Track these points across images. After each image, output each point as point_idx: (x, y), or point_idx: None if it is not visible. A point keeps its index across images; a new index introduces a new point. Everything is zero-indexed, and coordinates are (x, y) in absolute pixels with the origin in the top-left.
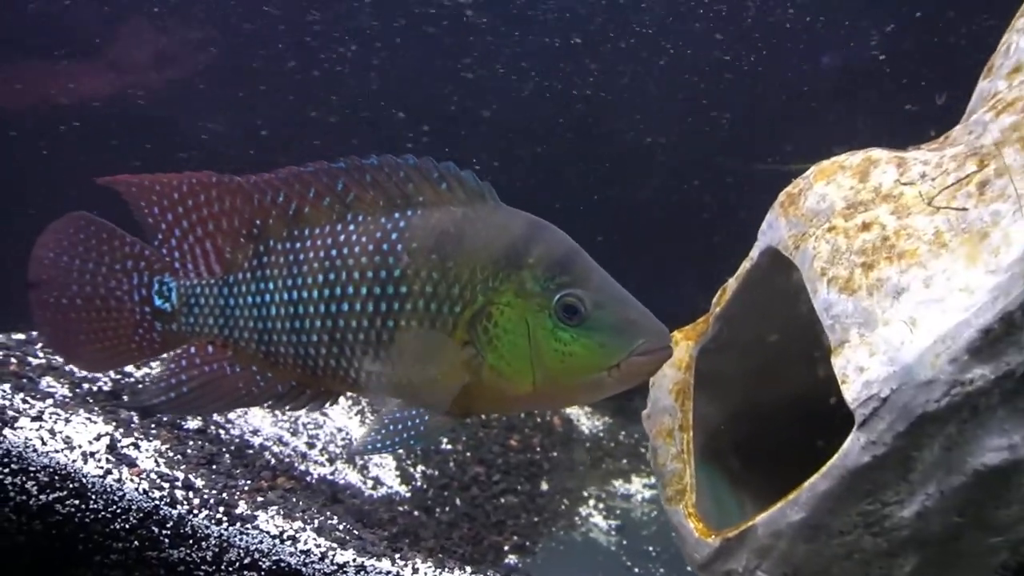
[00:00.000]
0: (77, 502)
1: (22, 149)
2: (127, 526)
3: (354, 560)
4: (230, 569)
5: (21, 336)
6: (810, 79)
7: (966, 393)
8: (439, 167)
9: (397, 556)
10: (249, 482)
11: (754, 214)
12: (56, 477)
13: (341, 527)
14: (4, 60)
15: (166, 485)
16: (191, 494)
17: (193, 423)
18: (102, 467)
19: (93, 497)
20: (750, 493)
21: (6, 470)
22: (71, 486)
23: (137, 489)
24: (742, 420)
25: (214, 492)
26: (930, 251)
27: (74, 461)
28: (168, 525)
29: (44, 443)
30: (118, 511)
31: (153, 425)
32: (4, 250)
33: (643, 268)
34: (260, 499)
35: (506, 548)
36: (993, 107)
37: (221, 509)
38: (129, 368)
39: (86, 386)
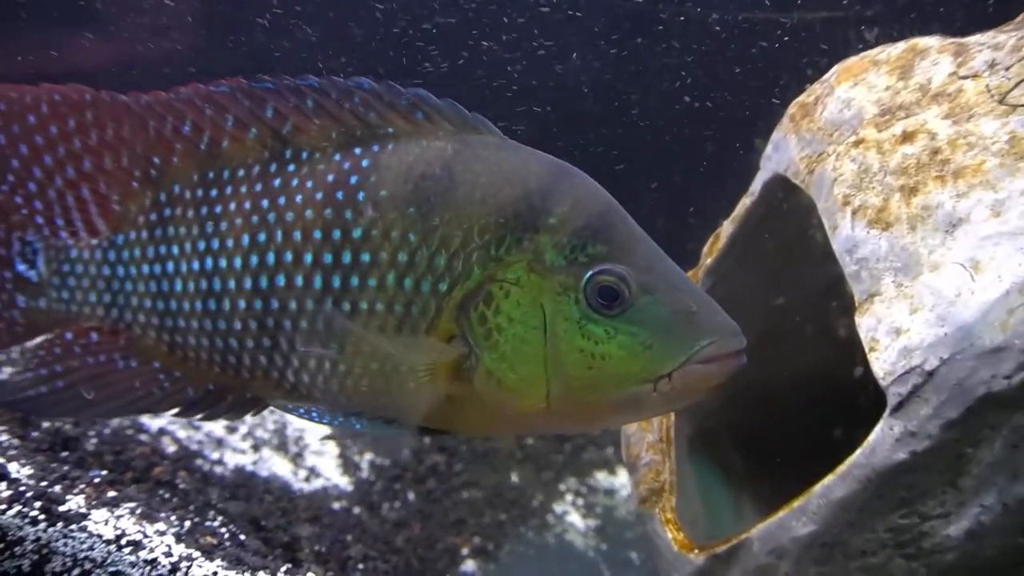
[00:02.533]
0: None
1: None
2: None
3: (216, 574)
4: None
5: None
6: None
7: None
8: (407, 93)
9: (286, 567)
10: (105, 473)
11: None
12: None
13: (222, 531)
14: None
15: None
16: (2, 485)
17: None
18: None
19: None
20: (752, 496)
21: None
22: None
23: None
24: (743, 403)
25: (42, 484)
26: (1002, 165)
27: None
28: None
29: None
30: None
31: None
32: None
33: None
34: (112, 494)
35: (464, 552)
36: None
37: (38, 504)
38: None
39: None
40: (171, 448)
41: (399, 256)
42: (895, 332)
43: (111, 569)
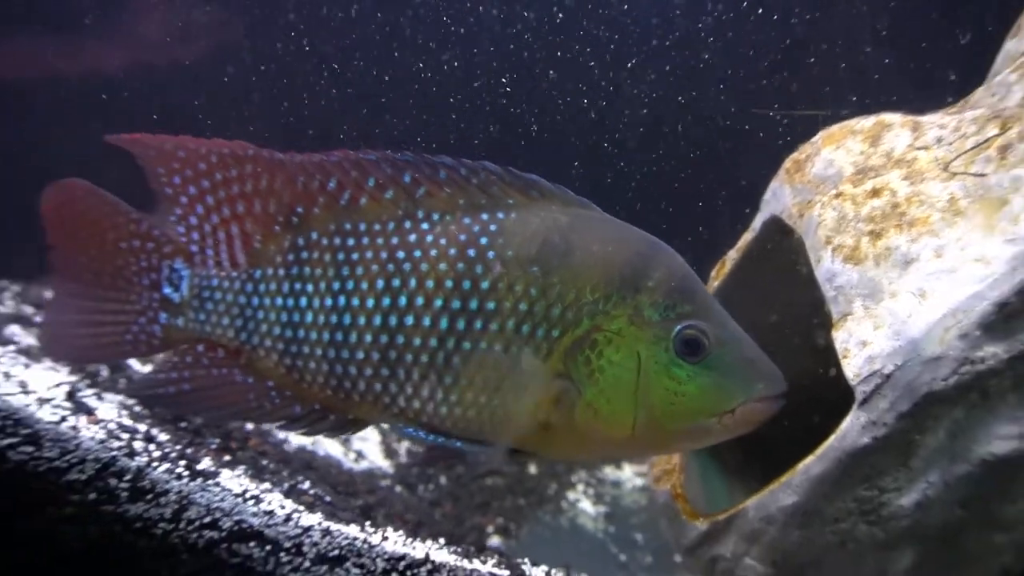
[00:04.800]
0: (31, 449)
1: (30, 122)
2: (83, 477)
3: (320, 524)
4: (189, 527)
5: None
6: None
7: (976, 372)
8: (524, 176)
9: (368, 523)
10: (218, 441)
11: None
12: (8, 421)
13: (312, 492)
14: (12, 32)
15: (125, 436)
16: (152, 447)
17: None
18: (57, 414)
19: (48, 444)
20: (744, 487)
21: None
22: (23, 431)
23: (93, 438)
24: None
25: (178, 447)
26: (943, 219)
27: (27, 406)
28: (126, 478)
29: None
30: (74, 460)
31: (124, 380)
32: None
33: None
34: (227, 458)
35: (489, 530)
36: (1020, 67)
37: (183, 463)
38: None
39: None
40: (250, 427)
41: (520, 306)
42: (862, 344)
43: (236, 517)
